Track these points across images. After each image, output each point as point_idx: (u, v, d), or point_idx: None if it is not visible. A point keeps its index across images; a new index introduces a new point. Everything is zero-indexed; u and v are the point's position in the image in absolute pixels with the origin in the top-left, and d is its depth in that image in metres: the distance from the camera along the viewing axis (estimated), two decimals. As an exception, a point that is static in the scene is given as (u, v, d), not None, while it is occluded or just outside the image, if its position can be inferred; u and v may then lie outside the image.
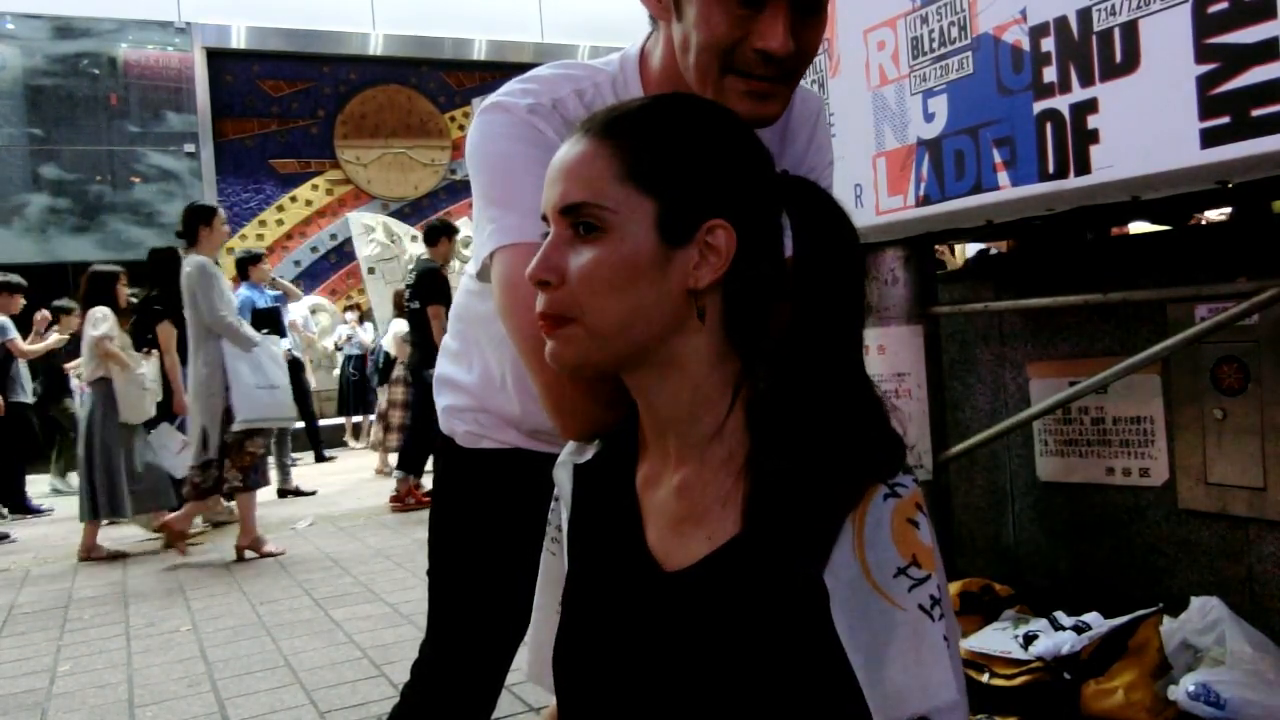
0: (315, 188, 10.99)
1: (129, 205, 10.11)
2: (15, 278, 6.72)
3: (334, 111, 11.07)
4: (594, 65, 1.05)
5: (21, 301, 6.68)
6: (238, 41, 10.60)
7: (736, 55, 0.87)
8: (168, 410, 5.33)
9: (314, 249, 10.92)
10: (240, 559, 4.70)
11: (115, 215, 10.05)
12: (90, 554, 4.97)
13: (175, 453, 5.12)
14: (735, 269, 0.73)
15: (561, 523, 0.88)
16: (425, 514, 5.05)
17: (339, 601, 3.80)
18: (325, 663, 3.04)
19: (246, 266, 6.59)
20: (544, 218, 0.77)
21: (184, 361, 5.05)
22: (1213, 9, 1.62)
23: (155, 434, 5.17)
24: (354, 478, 7.57)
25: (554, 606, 0.87)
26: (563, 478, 0.88)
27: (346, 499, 6.42)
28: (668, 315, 0.73)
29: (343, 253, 10.93)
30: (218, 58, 10.52)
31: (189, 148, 10.27)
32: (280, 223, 10.80)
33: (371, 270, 10.69)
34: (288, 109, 10.89)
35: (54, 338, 6.96)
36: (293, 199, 10.90)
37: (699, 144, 0.74)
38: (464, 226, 11.37)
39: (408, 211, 11.29)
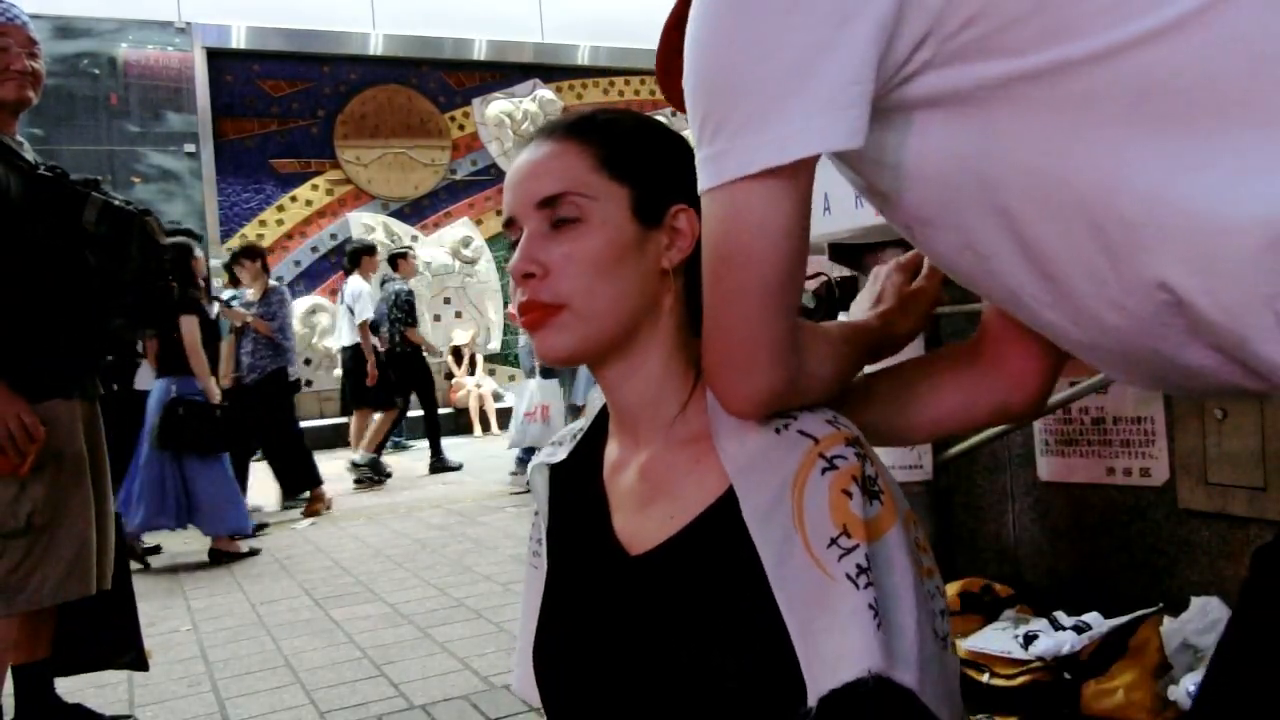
0: (315, 188, 10.98)
1: (129, 205, 10.11)
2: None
3: (334, 111, 11.05)
4: None
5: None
6: (238, 41, 10.59)
7: None
8: None
9: (314, 249, 10.89)
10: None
11: (115, 215, 10.05)
12: None
13: None
14: (695, 251, 0.76)
15: (541, 535, 0.90)
16: (423, 514, 4.99)
17: (339, 601, 3.80)
18: (325, 663, 3.04)
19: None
20: (509, 221, 0.80)
21: None
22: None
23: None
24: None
25: (533, 617, 0.89)
26: (539, 481, 0.90)
27: (347, 499, 6.42)
28: (648, 295, 0.77)
29: (343, 253, 10.93)
30: (218, 58, 10.51)
31: (189, 148, 10.25)
32: (280, 223, 10.78)
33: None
34: (288, 109, 10.88)
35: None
36: (293, 199, 10.88)
37: (655, 140, 0.81)
38: (463, 227, 11.37)
39: (408, 211, 11.28)
